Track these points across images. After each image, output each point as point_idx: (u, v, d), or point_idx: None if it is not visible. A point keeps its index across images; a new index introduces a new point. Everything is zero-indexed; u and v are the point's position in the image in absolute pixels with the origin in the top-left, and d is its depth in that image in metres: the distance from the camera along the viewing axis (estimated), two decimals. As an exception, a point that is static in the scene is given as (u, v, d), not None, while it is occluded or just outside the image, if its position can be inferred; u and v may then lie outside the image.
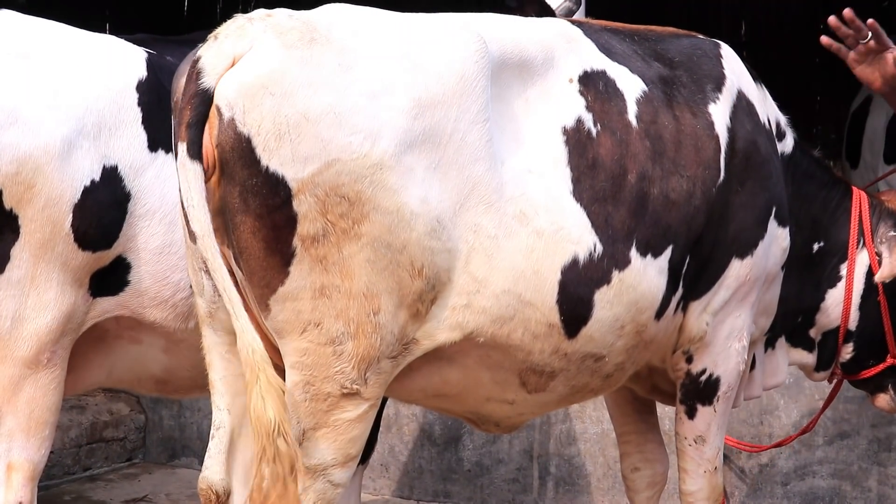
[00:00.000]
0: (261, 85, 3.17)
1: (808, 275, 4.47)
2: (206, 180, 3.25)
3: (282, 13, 3.33)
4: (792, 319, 4.51)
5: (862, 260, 4.48)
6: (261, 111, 3.17)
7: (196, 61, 3.29)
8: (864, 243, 4.48)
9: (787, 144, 4.40)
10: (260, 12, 3.34)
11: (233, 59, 3.24)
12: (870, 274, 4.47)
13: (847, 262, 4.47)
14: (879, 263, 4.43)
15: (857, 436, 5.78)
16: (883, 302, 4.51)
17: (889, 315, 4.54)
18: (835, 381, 4.82)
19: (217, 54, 3.26)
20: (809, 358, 4.62)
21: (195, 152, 3.24)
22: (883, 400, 4.77)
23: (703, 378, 4.16)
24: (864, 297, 4.51)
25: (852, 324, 4.53)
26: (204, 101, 3.23)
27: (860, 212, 4.50)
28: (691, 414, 4.24)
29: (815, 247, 4.47)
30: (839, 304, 4.50)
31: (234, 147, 3.19)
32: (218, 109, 3.19)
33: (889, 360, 4.62)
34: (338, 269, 3.23)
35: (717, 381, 4.18)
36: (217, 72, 3.24)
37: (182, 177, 3.30)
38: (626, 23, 4.19)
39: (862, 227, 4.47)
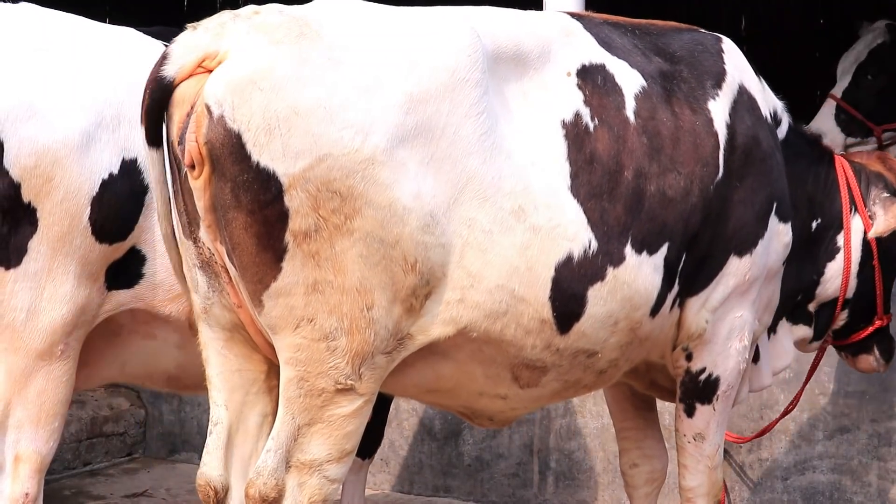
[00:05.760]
0: (249, 80, 3.16)
1: (806, 254, 4.46)
2: (195, 177, 3.24)
3: (271, 9, 3.32)
4: (792, 299, 4.51)
5: (857, 227, 4.49)
6: (250, 106, 3.15)
7: (166, 49, 3.30)
8: (856, 209, 4.49)
9: (782, 129, 4.38)
10: (248, 9, 3.33)
11: (203, 55, 3.24)
12: (866, 240, 4.49)
13: (843, 231, 4.47)
14: (873, 224, 4.46)
15: (857, 431, 5.77)
16: (877, 266, 4.53)
17: (881, 278, 4.57)
18: (817, 349, 4.84)
19: (185, 45, 3.27)
20: (808, 332, 4.62)
21: (151, 138, 3.31)
22: (866, 361, 4.81)
23: (703, 377, 4.15)
24: (861, 263, 4.52)
25: (850, 292, 4.54)
26: (160, 87, 3.25)
27: (846, 179, 4.51)
28: (690, 412, 4.23)
29: (814, 225, 4.46)
30: (838, 276, 4.50)
31: (225, 143, 3.18)
32: (207, 108, 3.18)
33: (877, 323, 4.67)
34: (330, 264, 3.22)
35: (717, 380, 4.17)
36: (180, 62, 3.25)
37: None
38: (627, 17, 4.18)
39: (852, 194, 4.48)
